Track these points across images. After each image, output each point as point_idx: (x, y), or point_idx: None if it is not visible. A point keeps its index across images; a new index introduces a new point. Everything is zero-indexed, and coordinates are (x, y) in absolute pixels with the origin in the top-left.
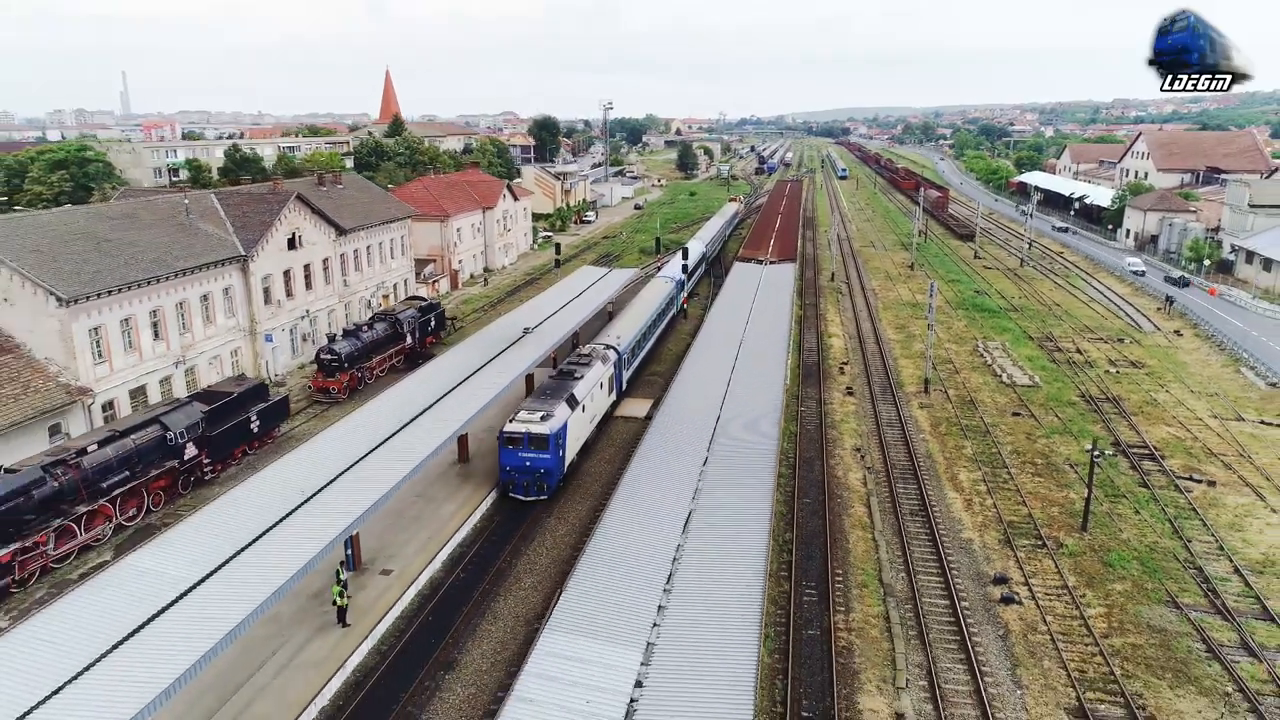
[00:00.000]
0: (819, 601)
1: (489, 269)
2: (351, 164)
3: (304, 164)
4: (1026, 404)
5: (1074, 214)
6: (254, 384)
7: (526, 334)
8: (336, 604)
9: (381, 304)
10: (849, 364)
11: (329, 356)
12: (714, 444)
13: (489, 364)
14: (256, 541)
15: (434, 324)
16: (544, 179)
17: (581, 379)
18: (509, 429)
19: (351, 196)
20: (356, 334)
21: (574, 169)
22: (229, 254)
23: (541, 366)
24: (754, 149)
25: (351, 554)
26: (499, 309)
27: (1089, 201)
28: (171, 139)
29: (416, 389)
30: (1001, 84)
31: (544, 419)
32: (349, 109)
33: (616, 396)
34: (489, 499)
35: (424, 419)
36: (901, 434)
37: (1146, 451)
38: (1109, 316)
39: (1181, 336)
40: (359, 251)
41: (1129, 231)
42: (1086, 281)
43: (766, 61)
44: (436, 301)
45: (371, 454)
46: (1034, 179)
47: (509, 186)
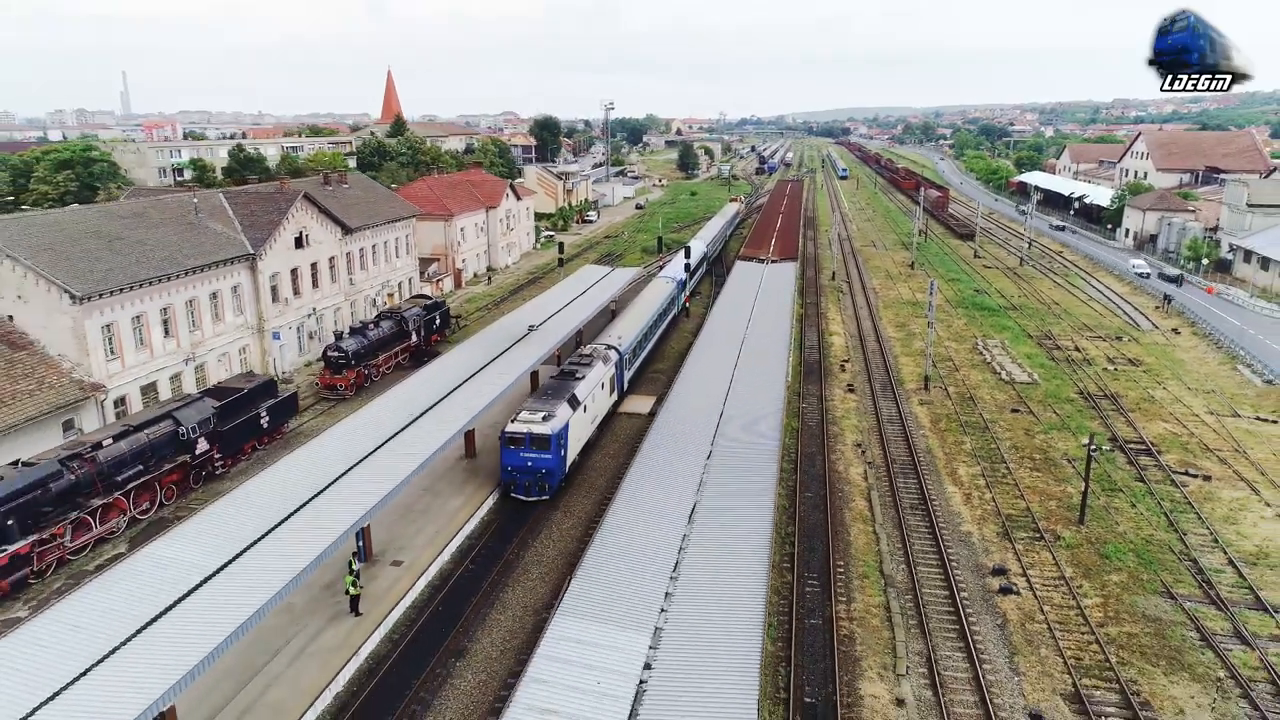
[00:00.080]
0: (821, 592)
1: (492, 268)
2: (354, 164)
3: (308, 164)
4: (1025, 401)
5: (1074, 214)
6: (264, 380)
7: (531, 332)
8: (349, 593)
9: (387, 302)
10: (850, 361)
11: (336, 354)
12: (717, 440)
13: (494, 361)
14: (272, 532)
15: (439, 322)
16: (546, 179)
17: (583, 379)
18: (511, 429)
19: (357, 196)
20: (363, 332)
21: (575, 169)
22: (237, 252)
23: (546, 364)
24: (754, 149)
25: (363, 545)
26: (502, 307)
27: (1088, 201)
28: (174, 139)
29: (422, 386)
30: (1001, 84)
31: (546, 419)
32: (349, 109)
33: (618, 396)
34: (495, 494)
35: (431, 415)
36: (902, 430)
37: (1143, 447)
38: (1107, 315)
39: (1179, 335)
40: (365, 250)
41: (1128, 231)
42: (1086, 280)
43: (766, 61)
44: (441, 300)
45: (380, 449)
46: (1034, 179)
47: (512, 186)
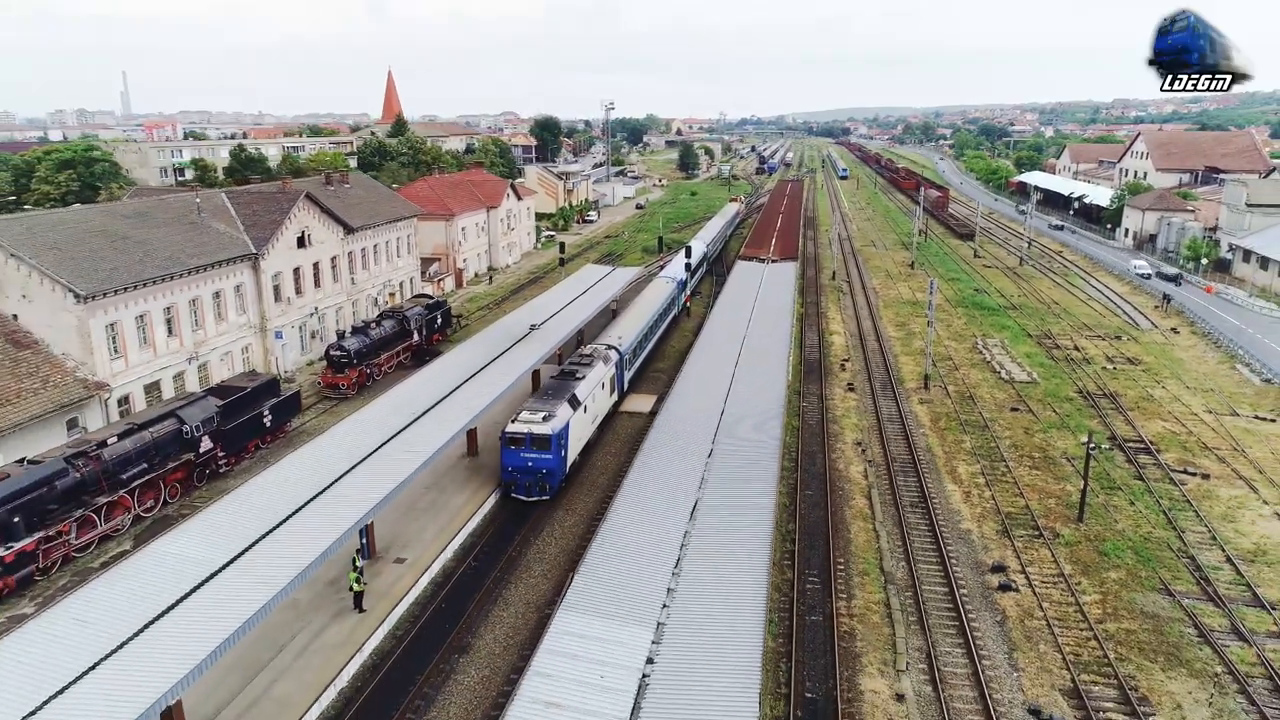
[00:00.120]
0: (821, 589)
1: (493, 267)
2: (355, 164)
3: (309, 164)
4: (1025, 399)
5: (1073, 213)
6: (266, 379)
7: (532, 331)
8: (353, 590)
9: (388, 301)
10: (850, 361)
11: (338, 353)
12: (718, 439)
13: (495, 361)
14: (276, 529)
15: (440, 321)
16: (547, 179)
17: (583, 379)
18: (511, 429)
19: (359, 196)
20: (365, 331)
21: (576, 169)
22: (240, 252)
23: (547, 363)
24: (754, 149)
25: (367, 542)
26: (503, 307)
27: (1088, 201)
28: (175, 139)
29: (424, 385)
30: (1001, 84)
31: (546, 419)
32: (349, 109)
33: (619, 396)
34: (497, 493)
35: (433, 413)
36: (902, 429)
37: (1142, 445)
38: (1107, 314)
39: (1178, 334)
40: (366, 250)
41: (1128, 231)
42: (1085, 280)
43: (766, 61)
44: (443, 299)
45: (383, 447)
46: (1034, 179)
47: (512, 186)
